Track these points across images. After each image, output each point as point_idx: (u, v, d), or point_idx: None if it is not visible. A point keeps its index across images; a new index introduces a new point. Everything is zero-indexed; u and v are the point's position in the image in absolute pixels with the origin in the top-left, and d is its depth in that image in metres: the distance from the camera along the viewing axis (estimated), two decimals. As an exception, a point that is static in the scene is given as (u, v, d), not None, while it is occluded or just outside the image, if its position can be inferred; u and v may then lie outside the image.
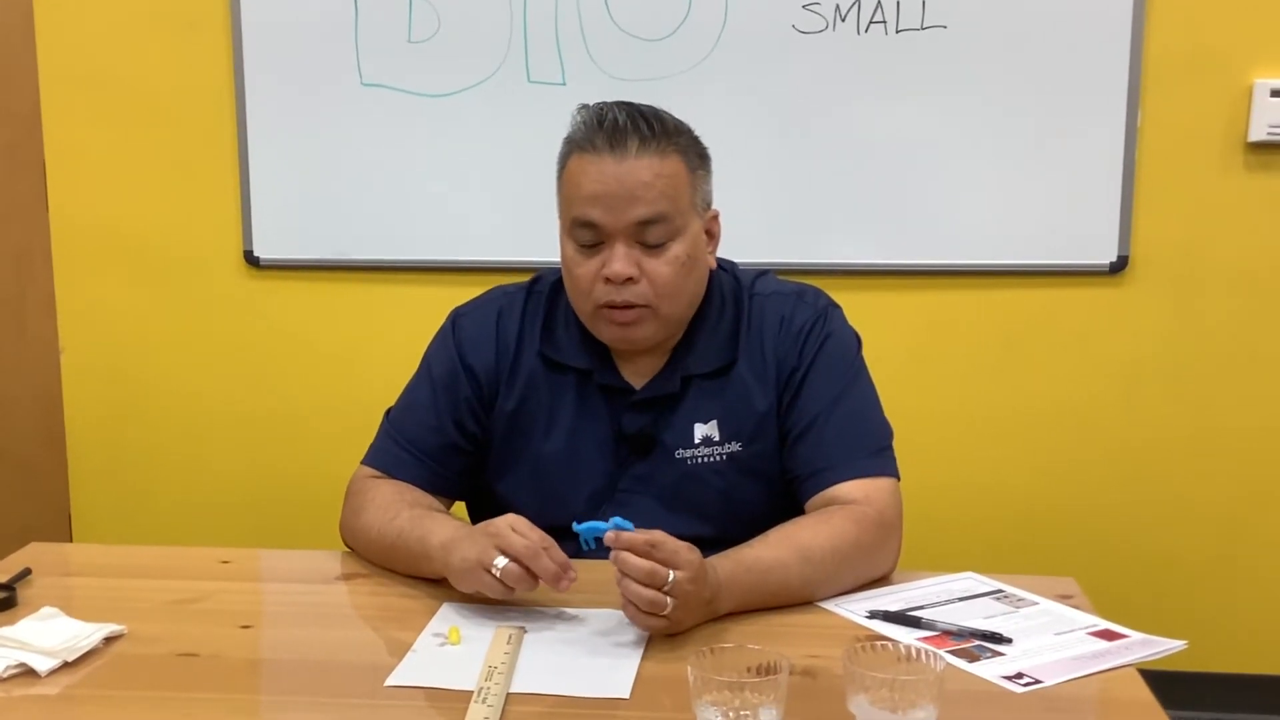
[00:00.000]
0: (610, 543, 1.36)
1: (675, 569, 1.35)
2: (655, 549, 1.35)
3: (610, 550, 1.36)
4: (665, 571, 1.34)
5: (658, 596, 1.34)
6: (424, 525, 1.57)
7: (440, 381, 1.73)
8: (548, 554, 1.41)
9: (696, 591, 1.38)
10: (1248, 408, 2.74)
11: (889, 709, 1.06)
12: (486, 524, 1.46)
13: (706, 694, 1.07)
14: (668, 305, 1.62)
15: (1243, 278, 2.70)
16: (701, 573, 1.39)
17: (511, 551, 1.40)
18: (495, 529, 1.44)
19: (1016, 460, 2.80)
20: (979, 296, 2.75)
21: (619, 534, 1.36)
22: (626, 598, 1.36)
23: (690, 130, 1.65)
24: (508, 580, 1.40)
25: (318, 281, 2.93)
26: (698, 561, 1.38)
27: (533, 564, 1.40)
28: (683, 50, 2.71)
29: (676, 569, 1.35)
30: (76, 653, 1.35)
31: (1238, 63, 2.62)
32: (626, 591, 1.36)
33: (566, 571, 1.41)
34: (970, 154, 2.68)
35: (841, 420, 1.66)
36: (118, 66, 2.90)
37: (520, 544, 1.41)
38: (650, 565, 1.34)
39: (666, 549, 1.36)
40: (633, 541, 1.35)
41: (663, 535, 1.37)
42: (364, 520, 1.66)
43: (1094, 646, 1.37)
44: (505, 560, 1.40)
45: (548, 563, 1.40)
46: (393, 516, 1.61)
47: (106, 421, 3.05)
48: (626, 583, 1.35)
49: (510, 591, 1.42)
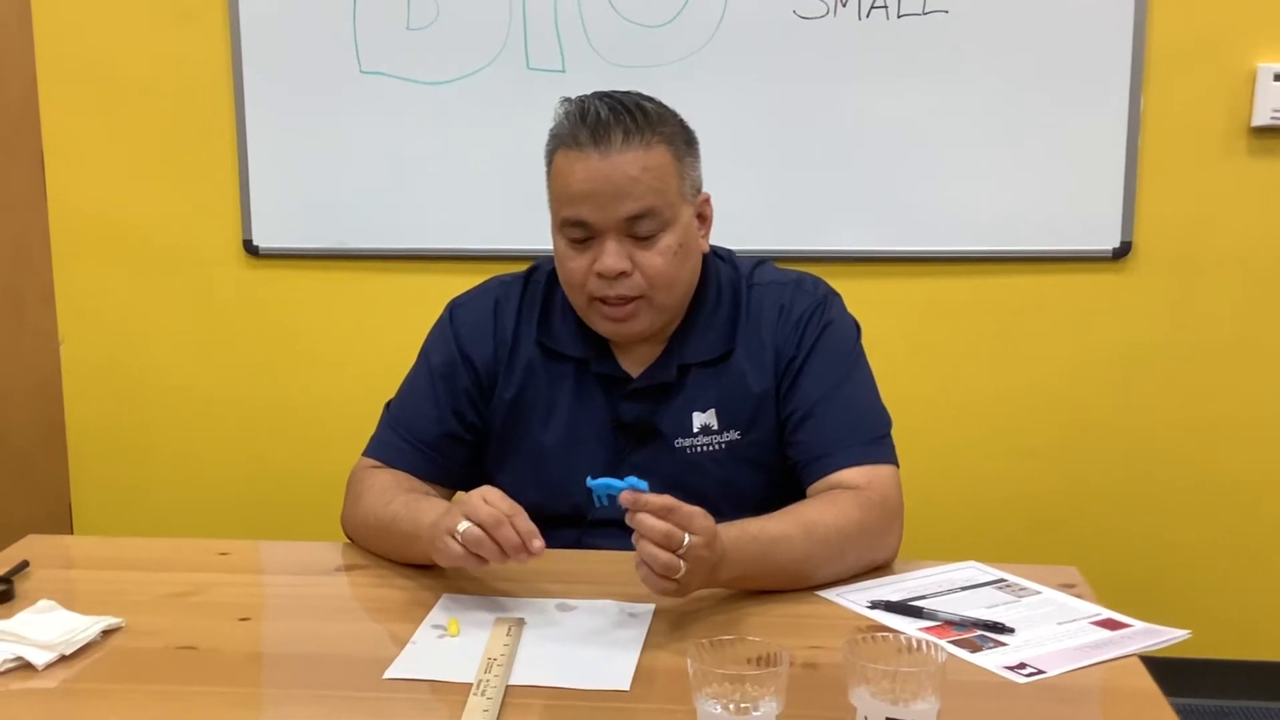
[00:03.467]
0: (627, 503, 1.35)
1: (690, 533, 1.34)
2: (671, 513, 1.34)
3: (623, 510, 1.35)
4: (681, 534, 1.33)
5: (672, 559, 1.33)
6: (418, 507, 1.56)
7: (439, 372, 1.73)
8: (511, 522, 1.38)
9: (709, 557, 1.37)
10: (1252, 394, 2.73)
11: (890, 701, 1.05)
12: (463, 496, 1.45)
13: (706, 686, 1.06)
14: (662, 295, 1.61)
15: (1246, 263, 2.68)
16: (714, 539, 1.38)
17: (476, 518, 1.39)
18: (466, 498, 1.43)
19: (1018, 448, 2.80)
20: (981, 283, 2.74)
21: (636, 495, 1.35)
22: (643, 558, 1.35)
23: (674, 116, 1.64)
24: (467, 543, 1.38)
25: (317, 270, 2.92)
26: (712, 528, 1.38)
27: (494, 531, 1.38)
28: (683, 36, 2.70)
29: (691, 533, 1.34)
30: (74, 646, 1.34)
31: (1241, 47, 2.60)
32: (644, 553, 1.34)
33: (530, 542, 1.38)
34: (972, 140, 2.67)
35: (842, 407, 1.66)
36: (115, 57, 2.89)
37: (485, 511, 1.39)
38: (667, 527, 1.33)
39: (682, 513, 1.35)
40: (649, 503, 1.34)
41: (675, 500, 1.35)
42: (361, 508, 1.66)
43: (1096, 636, 1.37)
44: (468, 524, 1.39)
45: (509, 531, 1.38)
46: (388, 501, 1.61)
47: (106, 412, 3.04)
48: (644, 544, 1.34)
49: (480, 562, 1.39)
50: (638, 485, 1.35)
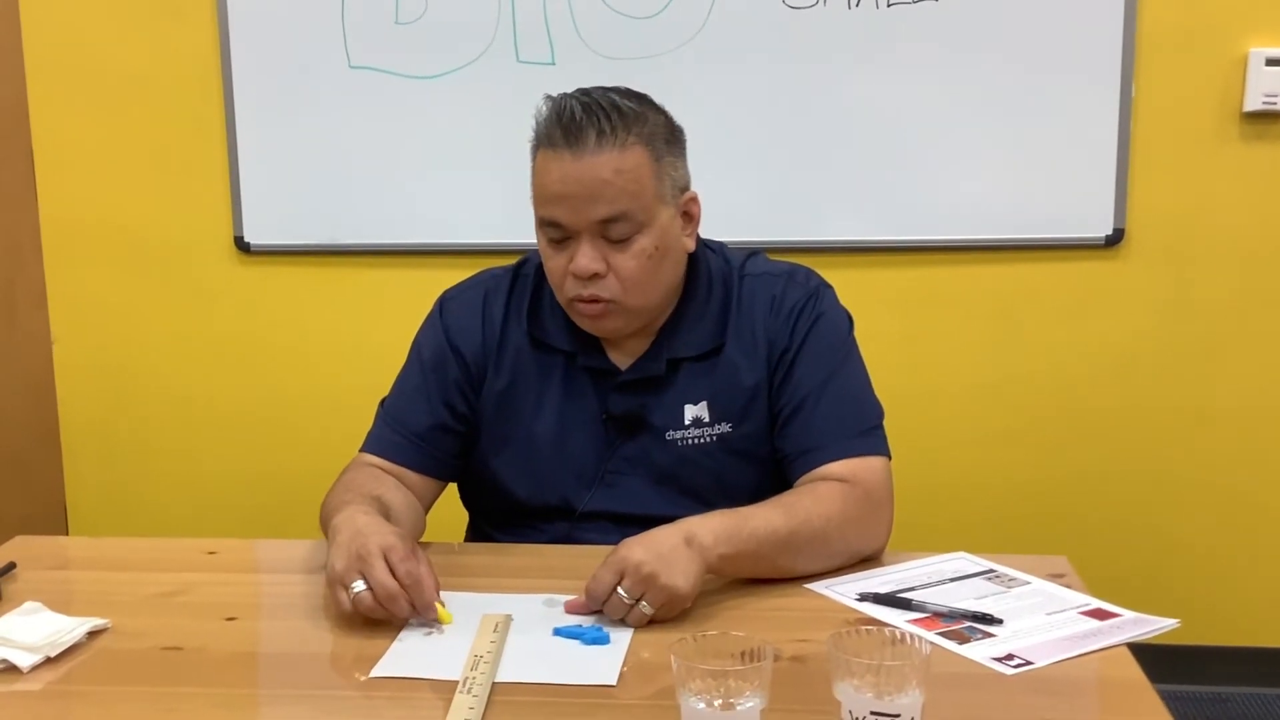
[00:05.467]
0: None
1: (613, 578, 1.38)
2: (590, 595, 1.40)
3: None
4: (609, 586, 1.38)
5: (637, 611, 1.38)
6: (350, 527, 1.47)
7: (429, 365, 1.74)
8: (407, 595, 1.37)
9: (648, 558, 1.38)
10: (1244, 381, 2.72)
11: (875, 694, 1.05)
12: (366, 538, 1.41)
13: (690, 682, 1.06)
14: (636, 298, 1.61)
15: (1239, 249, 2.67)
16: (633, 545, 1.40)
17: (371, 582, 1.37)
18: (368, 550, 1.39)
19: (1009, 438, 2.79)
20: (973, 272, 2.73)
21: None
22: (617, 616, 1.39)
23: (655, 114, 1.61)
24: (360, 609, 1.38)
25: (309, 267, 2.92)
26: (619, 553, 1.40)
27: (388, 605, 1.37)
28: (672, 27, 2.69)
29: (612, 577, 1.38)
30: (59, 648, 1.33)
31: (1232, 32, 2.59)
32: (614, 611, 1.39)
33: (425, 613, 1.38)
34: (963, 128, 2.66)
35: (832, 400, 1.66)
36: (104, 54, 2.88)
37: (381, 581, 1.37)
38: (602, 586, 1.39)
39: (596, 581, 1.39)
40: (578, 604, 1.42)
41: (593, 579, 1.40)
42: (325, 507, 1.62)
43: (1085, 626, 1.36)
44: (363, 586, 1.37)
45: (403, 606, 1.37)
46: (337, 507, 1.56)
47: (100, 412, 3.04)
48: (611, 607, 1.39)
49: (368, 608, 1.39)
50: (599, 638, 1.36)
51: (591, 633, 1.36)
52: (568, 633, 1.37)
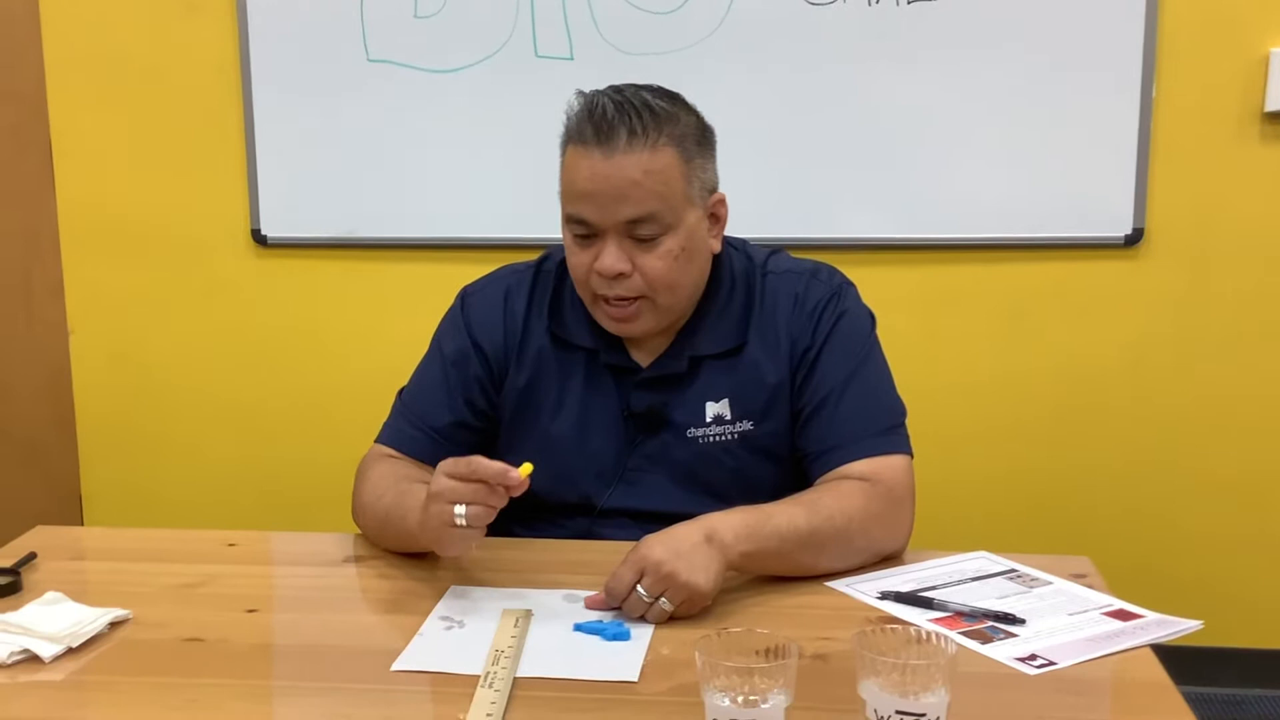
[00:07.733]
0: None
1: (633, 576, 1.38)
2: (610, 593, 1.40)
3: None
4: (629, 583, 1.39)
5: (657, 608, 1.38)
6: (404, 504, 1.54)
7: (450, 360, 1.73)
8: (482, 478, 1.39)
9: (667, 556, 1.37)
10: (1264, 381, 2.71)
11: (899, 693, 1.04)
12: (429, 487, 1.44)
13: (714, 679, 1.06)
14: (664, 297, 1.60)
15: (1259, 250, 2.66)
16: (654, 543, 1.40)
17: (462, 500, 1.39)
18: (437, 488, 1.41)
19: (1030, 437, 2.78)
20: (992, 270, 2.73)
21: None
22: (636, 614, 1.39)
23: (687, 113, 1.61)
24: (474, 523, 1.39)
25: (326, 260, 2.92)
26: (639, 550, 1.40)
27: (488, 501, 1.39)
28: (691, 23, 2.68)
29: (632, 575, 1.38)
30: (81, 638, 1.34)
31: (1254, 31, 2.58)
32: (633, 609, 1.39)
33: (506, 474, 1.38)
34: (983, 126, 2.65)
35: (854, 399, 1.65)
36: (123, 47, 2.89)
37: (465, 491, 1.39)
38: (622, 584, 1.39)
39: (616, 579, 1.39)
40: (598, 600, 1.42)
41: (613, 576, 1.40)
42: (359, 501, 1.67)
43: (1108, 627, 1.36)
44: (464, 507, 1.39)
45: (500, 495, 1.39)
46: (380, 494, 1.61)
47: (116, 403, 3.05)
48: (630, 605, 1.39)
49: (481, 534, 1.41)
50: (620, 634, 1.36)
51: (612, 628, 1.35)
52: (588, 628, 1.37)
